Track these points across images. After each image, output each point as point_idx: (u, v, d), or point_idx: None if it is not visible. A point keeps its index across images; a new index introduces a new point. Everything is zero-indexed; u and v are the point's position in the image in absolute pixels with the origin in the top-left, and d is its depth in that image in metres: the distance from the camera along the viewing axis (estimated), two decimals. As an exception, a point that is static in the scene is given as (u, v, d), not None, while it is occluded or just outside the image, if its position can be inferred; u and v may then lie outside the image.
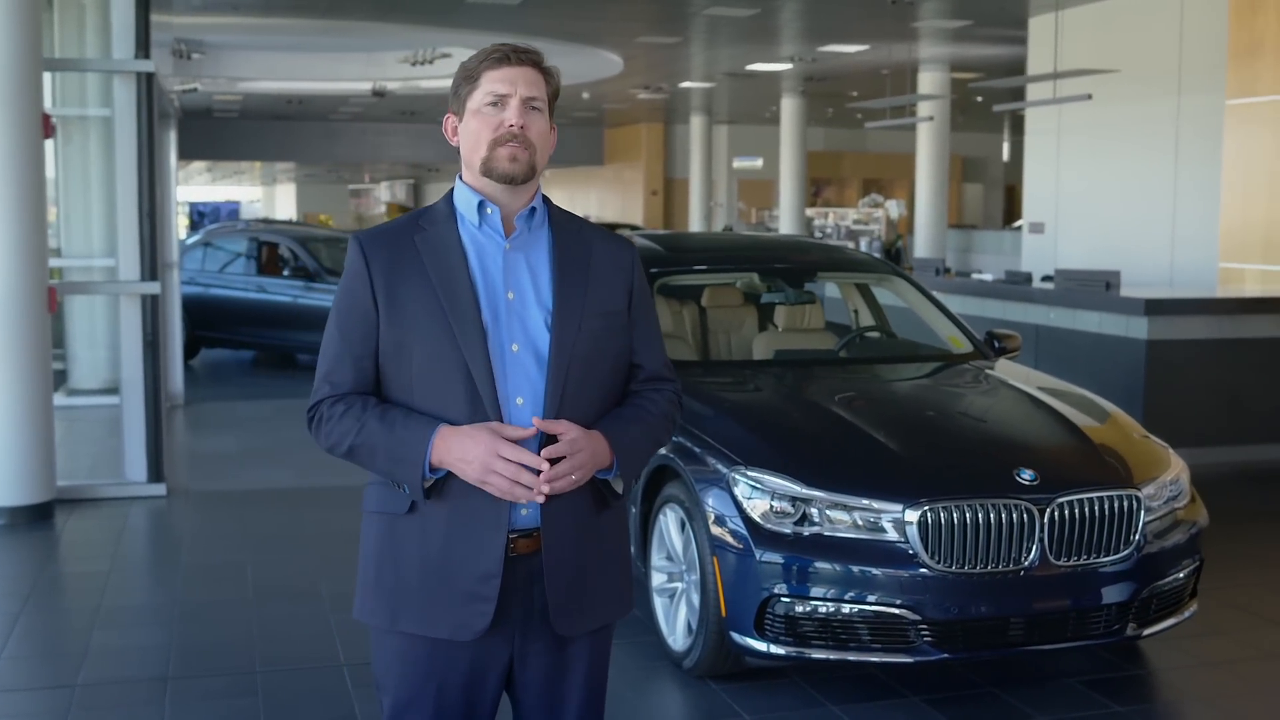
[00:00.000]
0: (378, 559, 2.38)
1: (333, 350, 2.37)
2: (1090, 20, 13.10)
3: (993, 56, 18.19)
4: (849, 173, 33.56)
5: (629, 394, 2.47)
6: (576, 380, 2.32)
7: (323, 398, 2.36)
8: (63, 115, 10.16)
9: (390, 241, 2.36)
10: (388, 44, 18.84)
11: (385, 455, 2.29)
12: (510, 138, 2.30)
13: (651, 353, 2.50)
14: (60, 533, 6.59)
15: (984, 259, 19.65)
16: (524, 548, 2.31)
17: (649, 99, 26.28)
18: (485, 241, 2.36)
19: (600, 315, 2.37)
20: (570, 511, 2.33)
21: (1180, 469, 4.64)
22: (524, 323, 2.32)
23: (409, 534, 2.34)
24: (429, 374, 2.30)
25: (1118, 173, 12.89)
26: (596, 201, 37.29)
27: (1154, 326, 8.17)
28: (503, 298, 2.32)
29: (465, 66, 2.36)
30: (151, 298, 7.25)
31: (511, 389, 2.30)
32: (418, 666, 2.35)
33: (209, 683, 4.51)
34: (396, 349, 2.33)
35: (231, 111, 29.80)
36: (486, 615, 2.30)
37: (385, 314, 2.33)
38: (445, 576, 2.31)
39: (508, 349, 2.30)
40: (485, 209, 2.36)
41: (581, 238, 2.43)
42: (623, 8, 15.35)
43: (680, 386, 2.57)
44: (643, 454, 2.43)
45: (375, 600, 2.39)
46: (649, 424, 2.43)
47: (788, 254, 6.69)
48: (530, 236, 2.38)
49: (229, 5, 14.64)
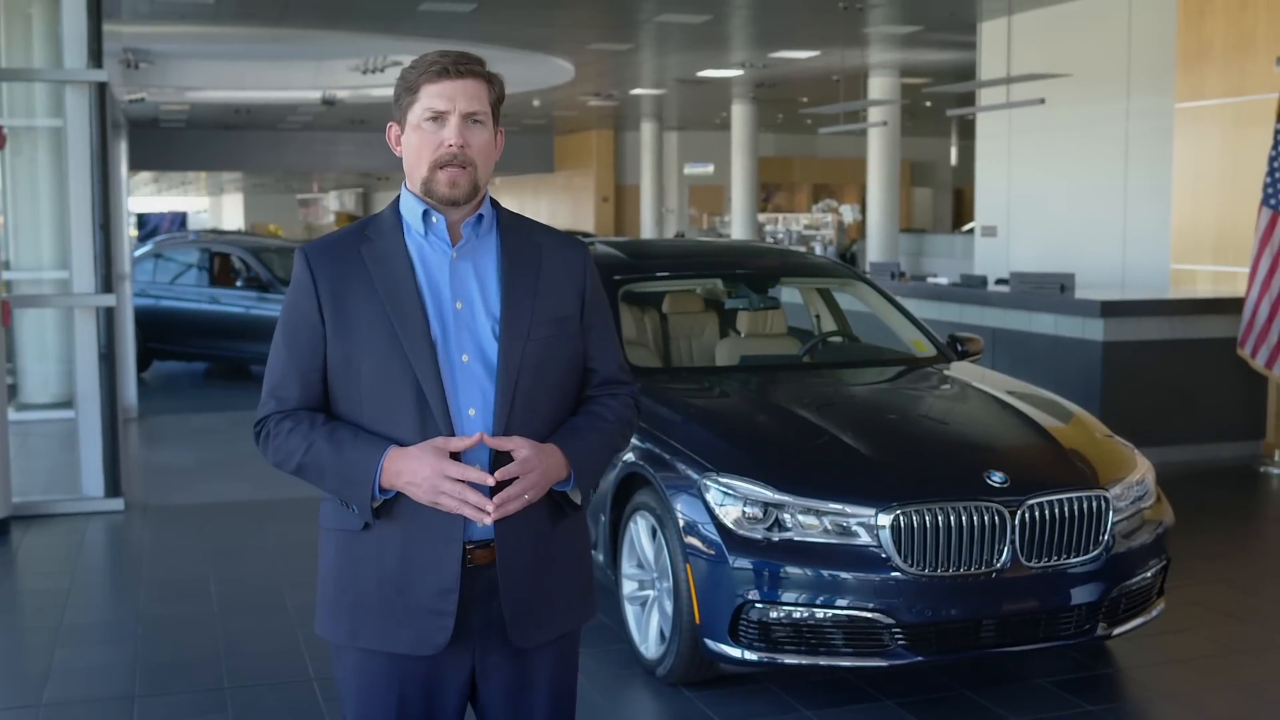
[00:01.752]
0: (336, 575, 2.36)
1: (279, 365, 2.33)
2: (1040, 25, 13.22)
3: (942, 61, 18.34)
4: (799, 178, 33.74)
5: (584, 399, 2.44)
6: (527, 389, 2.29)
7: (269, 413, 2.33)
8: (10, 126, 10.00)
9: (336, 254, 2.32)
10: (338, 52, 18.72)
11: (334, 476, 2.26)
12: (450, 159, 2.27)
13: (606, 356, 2.46)
14: (16, 550, 6.48)
15: (936, 263, 19.78)
16: (481, 558, 2.29)
17: (600, 106, 26.29)
18: (431, 251, 2.32)
19: (550, 322, 2.34)
20: (526, 523, 2.30)
21: (1146, 469, 4.69)
22: (473, 332, 2.29)
23: (366, 550, 2.31)
24: (378, 388, 2.27)
25: (1069, 176, 13.02)
26: (547, 209, 37.23)
27: (1109, 328, 8.26)
28: (450, 308, 2.29)
29: (405, 77, 2.32)
30: (107, 310, 7.15)
31: (464, 400, 2.27)
32: (378, 681, 2.33)
33: (176, 700, 4.45)
34: (345, 363, 2.29)
35: (178, 121, 29.50)
36: (446, 630, 2.27)
37: (332, 328, 2.29)
38: (403, 592, 2.28)
39: (458, 360, 2.27)
40: (430, 218, 2.32)
41: (531, 242, 2.40)
42: (574, 14, 15.34)
43: (637, 389, 2.54)
44: (600, 463, 2.41)
45: (335, 617, 2.36)
46: (605, 431, 2.40)
47: (750, 260, 6.71)
48: (478, 244, 2.35)
49: (177, 14, 14.49)
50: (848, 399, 5.27)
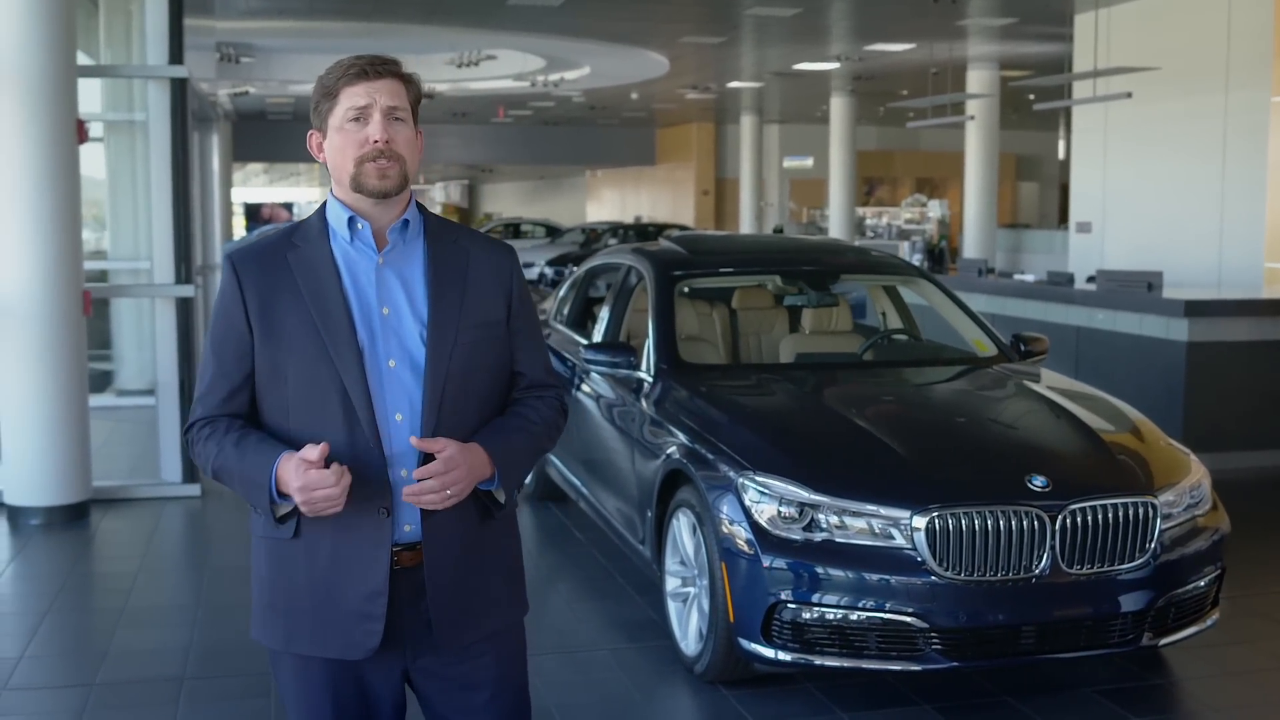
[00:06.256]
0: (270, 583, 2.38)
1: (208, 373, 2.36)
2: (1136, 17, 12.92)
3: (1042, 54, 17.99)
4: (901, 172, 33.35)
5: (511, 402, 2.45)
6: (454, 393, 2.30)
7: (194, 420, 2.36)
8: (113, 120, 10.29)
9: (262, 260, 2.33)
10: (433, 46, 18.93)
11: (239, 480, 2.28)
12: (377, 154, 2.27)
13: (533, 360, 2.47)
14: (94, 532, 6.69)
15: (1034, 259, 19.42)
16: (407, 560, 2.30)
17: (698, 99, 26.25)
18: (358, 257, 2.33)
19: (477, 326, 2.35)
20: (452, 524, 2.32)
21: (1201, 475, 4.56)
22: (400, 338, 2.30)
23: (295, 557, 2.33)
24: (305, 395, 2.28)
25: (1164, 171, 12.70)
26: (648, 201, 37.30)
27: (1194, 328, 8.04)
28: (377, 313, 2.30)
29: (323, 83, 2.33)
30: (184, 300, 7.33)
31: (391, 405, 2.28)
32: (314, 685, 2.36)
33: (223, 683, 4.56)
34: (272, 370, 2.31)
35: (285, 114, 30.09)
36: (376, 634, 2.29)
37: (259, 335, 2.31)
38: (333, 597, 2.30)
39: (384, 365, 2.29)
40: (356, 224, 2.33)
41: (458, 247, 2.40)
42: (665, 8, 15.33)
43: (563, 393, 2.55)
44: (524, 463, 2.41)
45: (268, 623, 2.39)
46: (530, 432, 2.41)
47: (810, 256, 6.65)
48: (404, 249, 2.36)
49: (274, 9, 14.78)
50: (896, 399, 5.21)
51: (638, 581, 5.62)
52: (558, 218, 37.47)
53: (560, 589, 5.70)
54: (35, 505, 6.74)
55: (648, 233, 25.70)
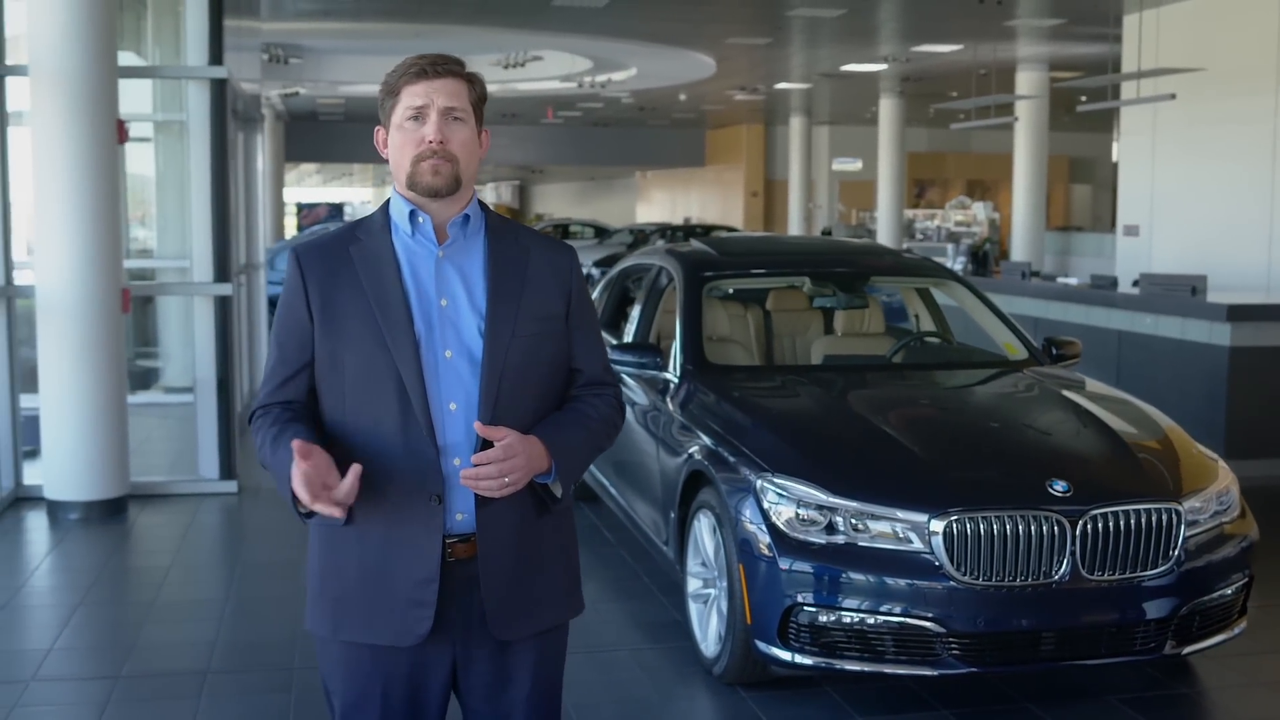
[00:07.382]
0: (322, 569, 2.42)
1: (270, 362, 2.42)
2: (1185, 17, 12.75)
3: (1092, 55, 17.80)
4: (952, 173, 33.12)
5: (569, 398, 2.47)
6: (511, 385, 2.33)
7: (255, 407, 2.42)
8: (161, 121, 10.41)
9: (326, 254, 2.39)
10: (478, 47, 19.03)
11: (275, 472, 2.32)
12: (431, 154, 2.31)
13: (591, 358, 2.50)
14: (130, 527, 6.77)
15: (1082, 262, 19.23)
16: (462, 553, 2.32)
17: (747, 100, 26.21)
18: (418, 250, 2.37)
19: (536, 320, 2.38)
20: (507, 516, 2.33)
21: (1230, 481, 4.50)
22: (458, 329, 2.33)
23: (348, 543, 2.36)
24: (361, 383, 2.32)
25: (1213, 174, 12.52)
26: (697, 203, 37.27)
27: (1237, 333, 7.92)
28: (435, 305, 2.33)
29: (386, 81, 2.38)
30: (223, 299, 7.41)
31: (445, 395, 2.31)
32: (361, 670, 2.38)
33: (245, 677, 4.60)
34: (330, 359, 2.35)
35: (336, 114, 30.35)
36: (426, 620, 2.31)
37: (320, 326, 2.35)
38: (385, 583, 2.33)
39: (441, 355, 2.32)
40: (417, 218, 2.37)
41: (519, 244, 2.43)
42: (708, 9, 15.31)
43: (620, 391, 2.56)
44: (582, 458, 2.43)
45: (320, 610, 2.42)
46: (589, 429, 2.43)
47: (841, 258, 6.62)
48: (465, 244, 2.39)
49: (320, 11, 14.91)
50: (921, 402, 5.17)
51: (663, 583, 5.62)
52: (607, 219, 37.53)
53: (587, 589, 5.60)
54: (74, 500, 6.84)
55: (695, 234, 25.69)
